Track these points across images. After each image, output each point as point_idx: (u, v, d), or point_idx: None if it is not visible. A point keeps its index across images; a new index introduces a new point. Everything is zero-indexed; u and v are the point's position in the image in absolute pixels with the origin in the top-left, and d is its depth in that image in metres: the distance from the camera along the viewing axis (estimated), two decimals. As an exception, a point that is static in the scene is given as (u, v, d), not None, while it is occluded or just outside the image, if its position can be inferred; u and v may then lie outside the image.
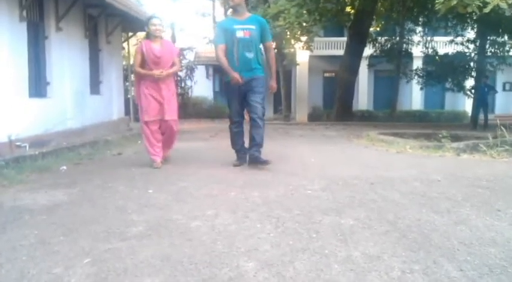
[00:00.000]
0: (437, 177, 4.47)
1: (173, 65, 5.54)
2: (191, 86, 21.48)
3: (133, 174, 4.81)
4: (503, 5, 8.03)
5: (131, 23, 11.67)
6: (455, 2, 8.45)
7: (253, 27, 5.14)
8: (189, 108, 20.26)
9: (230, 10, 5.64)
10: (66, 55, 8.75)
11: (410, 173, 4.72)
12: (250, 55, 5.11)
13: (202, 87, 23.35)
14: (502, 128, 7.06)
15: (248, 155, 5.22)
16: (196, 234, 2.61)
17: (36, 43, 7.91)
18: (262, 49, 5.45)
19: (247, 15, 5.32)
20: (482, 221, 2.90)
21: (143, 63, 5.40)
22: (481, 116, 15.44)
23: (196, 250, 2.34)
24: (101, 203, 3.50)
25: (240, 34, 5.08)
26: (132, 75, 15.36)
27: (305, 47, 17.01)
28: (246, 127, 5.34)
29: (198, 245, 2.42)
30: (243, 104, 5.27)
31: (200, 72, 23.55)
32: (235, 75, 5.02)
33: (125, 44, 13.85)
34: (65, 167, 5.31)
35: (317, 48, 21.77)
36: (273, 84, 5.36)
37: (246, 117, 5.32)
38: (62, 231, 2.72)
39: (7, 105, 6.56)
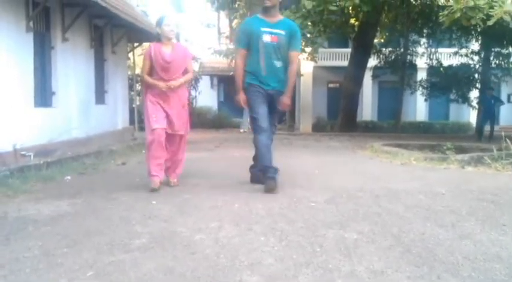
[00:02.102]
0: (442, 190, 4.46)
1: (186, 72, 4.82)
2: (196, 96, 21.57)
3: (137, 185, 4.81)
4: (507, 18, 8.04)
5: (137, 34, 11.75)
6: (458, 15, 8.47)
7: (282, 32, 4.51)
8: (193, 119, 20.32)
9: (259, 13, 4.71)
10: (72, 65, 8.81)
11: (414, 186, 4.71)
12: (278, 64, 4.52)
13: (206, 97, 23.45)
14: (507, 140, 7.04)
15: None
16: (200, 247, 2.61)
17: (42, 53, 7.97)
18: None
19: (279, 18, 4.64)
20: (486, 235, 2.88)
21: (151, 70, 4.71)
22: (487, 127, 15.43)
23: (199, 263, 2.34)
24: (105, 214, 3.51)
25: (266, 38, 4.47)
26: (138, 85, 15.47)
27: (309, 58, 17.06)
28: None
29: (202, 258, 2.42)
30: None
31: (205, 82, 23.65)
32: (241, 98, 4.58)
33: (130, 54, 13.94)
34: (69, 177, 5.33)
35: (321, 59, 21.83)
36: (287, 100, 4.59)
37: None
38: (66, 242, 2.73)
39: (12, 114, 6.61)
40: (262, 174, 4.51)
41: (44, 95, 8.01)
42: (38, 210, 3.61)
